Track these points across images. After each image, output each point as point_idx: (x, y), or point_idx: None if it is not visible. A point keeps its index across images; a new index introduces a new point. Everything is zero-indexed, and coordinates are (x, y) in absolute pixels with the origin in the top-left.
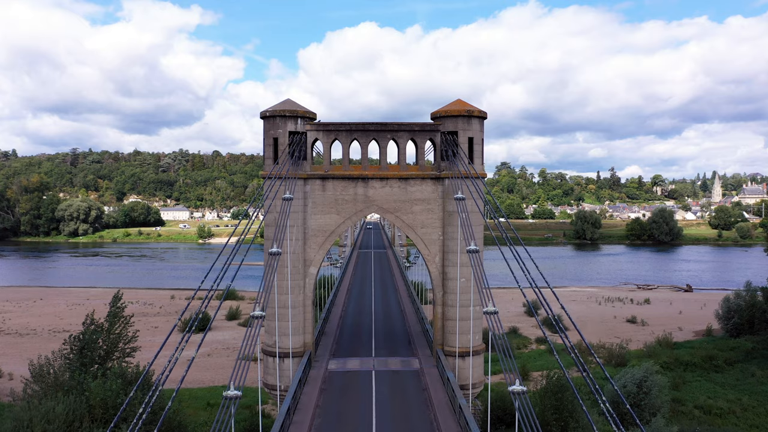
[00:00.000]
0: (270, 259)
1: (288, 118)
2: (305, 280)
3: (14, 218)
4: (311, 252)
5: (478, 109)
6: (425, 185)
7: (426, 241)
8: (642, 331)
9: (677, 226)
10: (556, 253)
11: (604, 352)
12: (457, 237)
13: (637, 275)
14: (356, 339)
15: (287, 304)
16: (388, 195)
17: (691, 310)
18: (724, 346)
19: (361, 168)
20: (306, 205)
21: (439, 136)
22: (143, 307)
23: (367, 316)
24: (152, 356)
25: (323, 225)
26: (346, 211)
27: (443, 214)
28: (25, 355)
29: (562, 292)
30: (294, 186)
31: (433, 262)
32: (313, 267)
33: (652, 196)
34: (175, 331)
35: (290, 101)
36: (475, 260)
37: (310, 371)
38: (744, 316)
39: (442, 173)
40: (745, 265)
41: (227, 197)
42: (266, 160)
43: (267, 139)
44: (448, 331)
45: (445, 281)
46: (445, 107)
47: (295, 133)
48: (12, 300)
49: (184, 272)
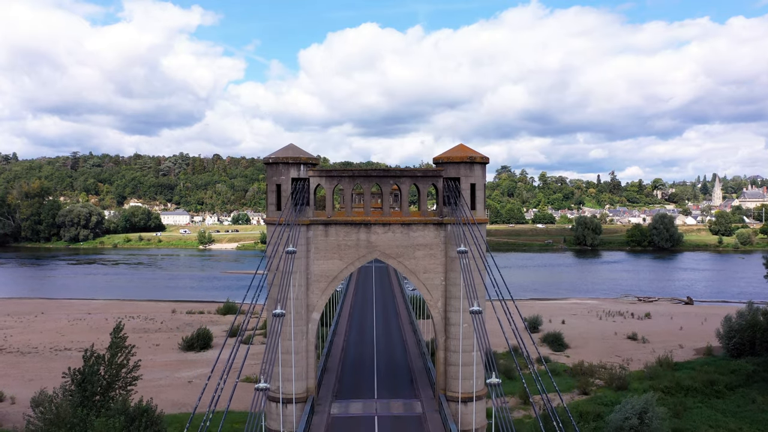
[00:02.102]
0: (274, 322)
1: (291, 165)
2: (308, 326)
3: (15, 224)
4: (314, 297)
5: (480, 155)
6: (428, 231)
7: (428, 286)
8: (643, 349)
9: (677, 233)
10: (556, 260)
11: (605, 373)
12: (459, 283)
13: (638, 286)
14: (359, 375)
15: (290, 350)
16: (391, 240)
17: (692, 325)
18: (725, 369)
19: (363, 213)
20: (309, 250)
21: (441, 182)
22: (144, 323)
23: (368, 347)
24: (153, 377)
25: (326, 270)
26: (349, 257)
27: (446, 260)
28: (27, 376)
29: (564, 305)
30: (297, 233)
31: (435, 307)
32: (315, 312)
33: (653, 199)
34: (176, 349)
35: (293, 147)
36: (478, 321)
37: (313, 418)
38: (745, 336)
39: (445, 219)
40: (745, 275)
41: (228, 201)
42: (269, 206)
43: (270, 185)
44: (450, 376)
45: (447, 326)
46: (447, 153)
47: (297, 179)
48: (13, 314)
49: (183, 282)
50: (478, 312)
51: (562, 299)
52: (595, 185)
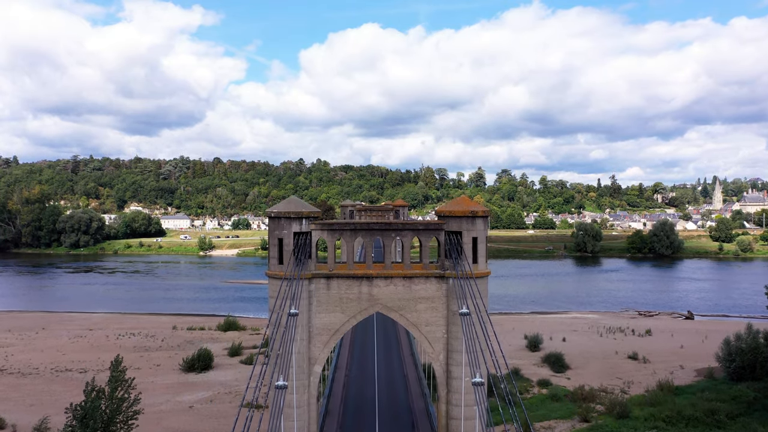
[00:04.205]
0: (276, 395)
1: (293, 220)
2: (310, 379)
3: (15, 230)
4: (316, 350)
5: (482, 209)
6: (429, 284)
7: (430, 339)
8: (644, 370)
9: (678, 240)
10: (557, 268)
11: (606, 398)
12: (460, 337)
13: (638, 298)
14: (360, 419)
15: (292, 404)
16: (393, 293)
17: (693, 343)
18: (726, 395)
19: (365, 267)
20: (311, 303)
21: (443, 235)
22: (145, 340)
23: (370, 385)
24: (154, 401)
25: (328, 324)
26: (351, 310)
27: (447, 313)
28: (28, 401)
29: (565, 319)
30: (300, 287)
31: (437, 360)
32: (317, 365)
33: (653, 203)
34: (177, 370)
35: (295, 201)
36: (479, 393)
37: None
38: (746, 359)
39: (446, 273)
40: (744, 286)
41: (228, 205)
42: (271, 259)
43: (272, 239)
44: (452, 429)
45: (449, 380)
46: (449, 207)
47: (299, 233)
48: (14, 330)
49: (183, 293)
50: (480, 384)
51: (563, 313)
52: (596, 189)
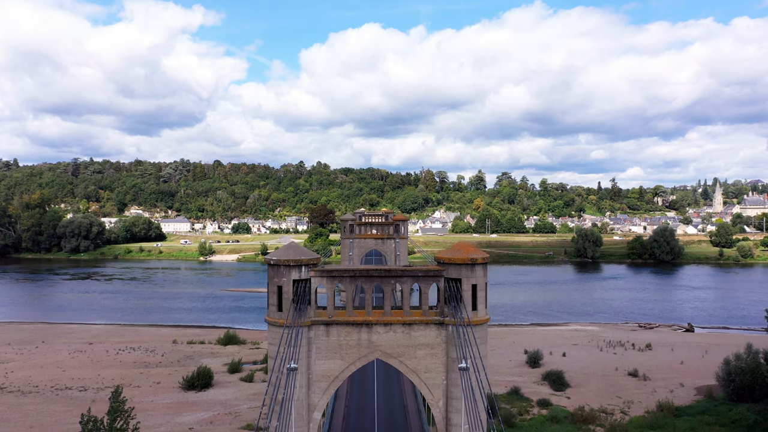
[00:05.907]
0: None
1: (292, 267)
2: (309, 425)
3: (15, 235)
4: (315, 397)
5: (482, 256)
6: (429, 330)
7: (430, 385)
8: (644, 388)
9: (678, 245)
10: (557, 275)
11: (606, 420)
12: (459, 384)
13: (639, 309)
14: None
15: None
16: (392, 340)
17: (693, 359)
18: (726, 418)
19: (364, 313)
20: (310, 350)
21: (443, 282)
22: (144, 356)
23: (370, 417)
24: (154, 423)
25: (327, 371)
26: (350, 357)
27: (447, 359)
28: (28, 422)
29: (565, 332)
30: (299, 334)
31: (436, 406)
32: (317, 412)
33: (653, 206)
34: (177, 388)
35: (294, 247)
36: None
37: None
38: (745, 380)
39: (446, 320)
40: (743, 294)
41: (228, 208)
42: (270, 306)
43: (271, 286)
44: None
45: (448, 426)
46: (449, 254)
47: (299, 281)
48: (14, 343)
49: (183, 302)
50: None
51: (563, 324)
52: (596, 192)
